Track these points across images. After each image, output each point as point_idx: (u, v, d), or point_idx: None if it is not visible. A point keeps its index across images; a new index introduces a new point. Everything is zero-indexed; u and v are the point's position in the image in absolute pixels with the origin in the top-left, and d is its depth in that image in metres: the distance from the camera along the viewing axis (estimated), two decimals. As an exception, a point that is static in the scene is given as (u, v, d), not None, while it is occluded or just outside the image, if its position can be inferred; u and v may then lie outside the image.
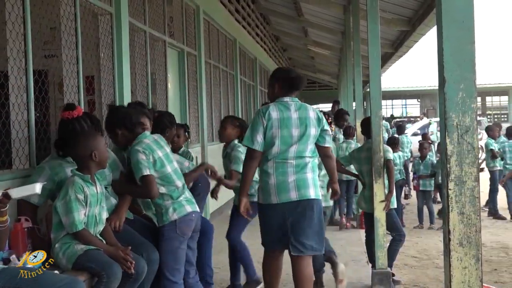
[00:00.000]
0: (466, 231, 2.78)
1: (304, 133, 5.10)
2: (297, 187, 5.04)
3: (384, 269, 6.83)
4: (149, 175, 4.64)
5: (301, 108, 5.19)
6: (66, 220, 4.11)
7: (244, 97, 16.65)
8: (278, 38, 24.16)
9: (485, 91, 41.79)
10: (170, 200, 4.80)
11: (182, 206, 4.83)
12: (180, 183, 4.91)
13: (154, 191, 4.67)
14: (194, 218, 4.93)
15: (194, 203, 5.00)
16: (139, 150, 4.67)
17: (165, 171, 4.80)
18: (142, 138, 4.78)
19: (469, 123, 2.79)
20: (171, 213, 4.78)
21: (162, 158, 4.80)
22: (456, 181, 2.77)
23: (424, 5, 11.11)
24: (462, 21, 2.84)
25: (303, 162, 5.10)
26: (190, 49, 10.41)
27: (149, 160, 4.68)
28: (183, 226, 4.82)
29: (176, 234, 4.79)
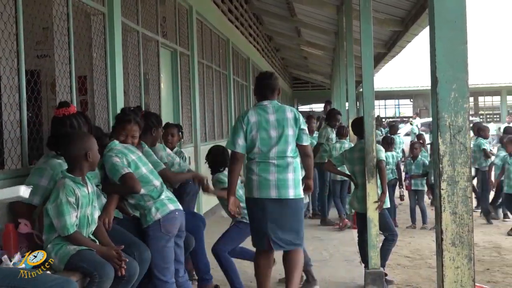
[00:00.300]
0: (458, 231, 2.79)
1: (282, 133, 5.40)
2: (277, 186, 5.34)
3: (377, 269, 6.84)
4: (128, 173, 4.71)
5: (279, 110, 5.51)
6: (57, 223, 4.09)
7: (237, 97, 16.64)
8: (271, 38, 24.16)
9: (478, 91, 41.88)
10: (151, 200, 4.84)
11: (165, 205, 4.87)
12: (158, 182, 4.96)
13: (137, 186, 4.72)
14: (178, 216, 4.95)
15: (176, 201, 5.04)
16: (111, 155, 4.76)
17: (141, 172, 4.86)
18: (112, 146, 4.86)
19: (461, 123, 2.80)
20: (154, 213, 4.81)
21: (135, 160, 4.88)
22: (449, 181, 2.78)
23: (416, 5, 11.12)
24: (455, 21, 2.85)
25: (284, 162, 5.39)
26: (183, 49, 10.40)
27: (123, 162, 4.76)
28: (167, 225, 4.85)
29: (161, 233, 4.82)
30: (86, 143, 4.26)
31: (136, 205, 4.89)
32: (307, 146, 5.64)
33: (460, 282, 2.78)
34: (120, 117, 5.24)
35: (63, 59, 6.01)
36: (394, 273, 7.81)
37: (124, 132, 5.09)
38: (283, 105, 5.63)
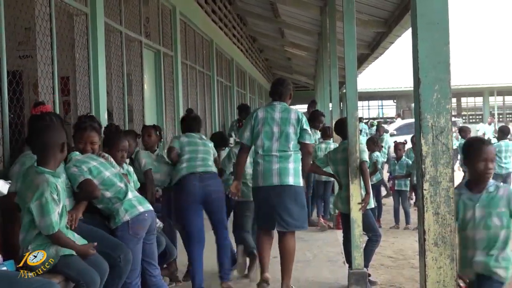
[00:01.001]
0: (441, 231, 2.80)
1: (284, 130, 6.17)
2: (279, 174, 6.10)
3: (361, 270, 6.85)
4: (85, 179, 4.69)
5: (285, 110, 6.28)
6: (42, 221, 4.02)
7: (220, 97, 16.63)
8: (255, 39, 24.18)
9: (460, 92, 42.15)
10: (118, 201, 4.82)
11: (134, 206, 4.84)
12: (122, 184, 4.93)
13: (95, 191, 4.69)
14: (148, 217, 4.92)
15: (145, 202, 5.02)
16: (70, 166, 4.73)
17: (103, 176, 4.82)
18: (70, 157, 4.81)
19: (443, 124, 2.81)
20: (123, 214, 4.79)
21: (97, 166, 4.84)
22: (431, 181, 2.79)
23: (400, 7, 11.17)
24: (437, 23, 2.86)
25: (286, 155, 6.16)
26: (166, 50, 10.38)
27: (82, 170, 4.72)
28: (136, 226, 4.81)
29: (129, 235, 4.78)
30: (62, 134, 4.23)
31: (105, 208, 4.86)
32: (308, 144, 6.32)
33: (442, 282, 2.79)
34: (76, 125, 5.24)
35: (45, 59, 5.98)
36: (377, 274, 7.83)
37: (82, 140, 5.08)
38: (289, 107, 6.40)
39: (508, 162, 12.18)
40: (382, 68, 38.57)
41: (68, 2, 6.34)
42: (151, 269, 5.13)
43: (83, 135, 5.09)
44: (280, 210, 6.08)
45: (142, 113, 8.95)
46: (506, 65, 42.46)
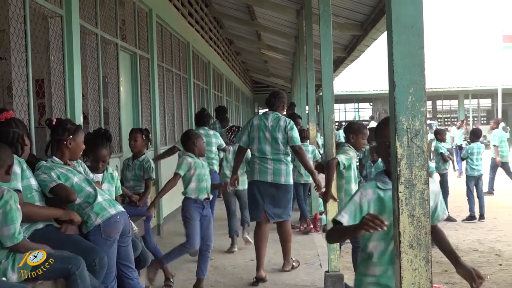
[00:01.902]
0: (416, 233, 2.81)
1: (274, 136, 7.37)
2: (273, 173, 7.35)
3: (337, 272, 6.88)
4: (58, 184, 4.65)
5: (276, 119, 7.46)
6: (6, 230, 3.86)
7: (197, 100, 16.59)
8: (231, 42, 24.17)
9: (436, 95, 42.49)
10: (88, 206, 4.78)
11: (105, 209, 4.81)
12: (91, 188, 4.89)
13: (71, 194, 4.65)
14: (120, 220, 4.89)
15: (117, 204, 4.99)
16: (39, 173, 4.68)
17: (72, 181, 4.79)
18: (38, 165, 4.77)
19: (418, 126, 2.83)
20: (94, 218, 4.76)
21: (64, 172, 4.79)
22: (406, 184, 2.80)
23: (375, 10, 11.25)
24: (412, 26, 2.87)
25: (278, 157, 7.38)
26: (142, 52, 10.34)
27: (51, 176, 4.68)
28: (108, 229, 4.79)
29: (102, 239, 4.75)
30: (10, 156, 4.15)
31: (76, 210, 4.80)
32: (295, 145, 7.42)
33: (418, 284, 2.80)
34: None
35: (20, 62, 5.92)
36: (353, 275, 7.85)
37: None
38: (280, 116, 7.52)
39: (480, 164, 12.31)
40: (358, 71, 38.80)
41: (42, 4, 6.29)
42: (128, 272, 5.10)
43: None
44: (271, 205, 7.41)
45: (118, 116, 8.90)
46: (480, 68, 42.88)
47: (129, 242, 5.13)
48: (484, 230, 11.06)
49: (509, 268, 8.25)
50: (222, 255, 8.78)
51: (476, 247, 9.60)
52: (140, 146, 7.28)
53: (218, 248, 9.18)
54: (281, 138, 7.35)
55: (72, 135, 5.03)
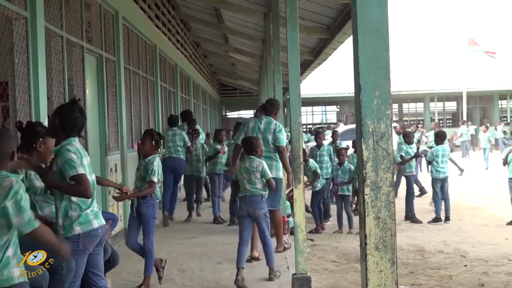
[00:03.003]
0: (382, 235, 2.83)
1: (265, 137, 8.61)
2: None
3: (304, 274, 6.90)
4: (84, 174, 4.56)
5: (268, 122, 8.81)
6: (21, 219, 3.70)
7: (164, 103, 16.51)
8: (198, 45, 24.12)
9: (402, 98, 42.89)
10: (77, 211, 4.68)
11: (89, 221, 4.73)
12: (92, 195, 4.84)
13: (90, 190, 4.58)
14: (100, 234, 4.84)
15: (100, 216, 4.89)
16: (70, 150, 4.59)
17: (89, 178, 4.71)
18: (72, 141, 4.69)
19: (384, 129, 2.85)
20: (76, 227, 4.67)
21: (86, 166, 4.70)
22: (372, 186, 2.82)
23: (342, 13, 11.31)
24: (377, 29, 2.89)
25: (269, 155, 8.54)
26: (109, 55, 10.25)
27: (79, 162, 4.60)
28: (86, 241, 4.72)
29: (78, 249, 4.67)
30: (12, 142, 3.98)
31: (62, 211, 4.70)
32: (279, 146, 8.67)
33: (383, 285, 2.82)
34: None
35: (-17, 64, 5.83)
36: (321, 278, 7.89)
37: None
38: (272, 121, 8.85)
39: (445, 167, 12.43)
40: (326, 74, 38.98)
41: (6, 6, 6.20)
42: (96, 280, 5.04)
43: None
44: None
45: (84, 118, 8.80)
46: (446, 71, 43.41)
47: (100, 251, 5.05)
48: (449, 232, 11.19)
49: (474, 269, 8.35)
50: (189, 259, 8.75)
51: (442, 249, 9.70)
52: (147, 149, 7.21)
53: (186, 252, 9.15)
54: (271, 139, 8.66)
55: (43, 138, 4.97)
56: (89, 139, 8.81)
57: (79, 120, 4.77)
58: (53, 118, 4.88)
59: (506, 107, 43.89)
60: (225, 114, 43.86)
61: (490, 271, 8.20)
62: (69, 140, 4.70)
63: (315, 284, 7.38)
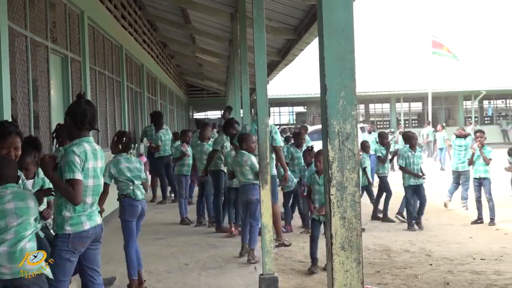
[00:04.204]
0: (347, 235, 2.84)
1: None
2: None
3: (272, 275, 6.90)
4: (79, 180, 4.59)
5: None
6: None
7: (131, 104, 16.42)
8: (165, 45, 24.01)
9: (368, 98, 43.22)
10: (71, 212, 4.70)
11: (80, 223, 4.73)
12: (91, 199, 4.83)
13: (79, 198, 4.60)
14: (91, 235, 4.83)
15: (94, 217, 4.88)
16: (75, 152, 4.64)
17: (86, 183, 4.73)
18: (83, 142, 4.76)
19: (349, 130, 2.86)
20: (67, 227, 4.69)
21: (89, 169, 4.74)
22: (338, 186, 2.83)
23: (308, 14, 11.35)
24: (343, 30, 2.91)
25: None
26: (74, 55, 10.16)
27: (80, 165, 4.63)
28: (76, 242, 4.72)
29: (68, 248, 4.69)
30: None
31: (56, 209, 4.76)
32: (275, 146, 9.33)
33: (349, 285, 2.83)
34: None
35: None
36: (288, 278, 7.91)
37: (5, 146, 4.90)
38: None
39: None
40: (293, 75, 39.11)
41: (-32, 5, 6.11)
42: (94, 275, 5.04)
43: (7, 141, 4.90)
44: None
45: (48, 119, 8.71)
46: (411, 72, 43.84)
47: (98, 247, 5.06)
48: (415, 231, 11.29)
49: (439, 268, 8.44)
50: (156, 260, 8.70)
51: (408, 248, 9.78)
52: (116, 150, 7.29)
53: (153, 253, 9.10)
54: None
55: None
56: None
57: (88, 111, 4.85)
58: (65, 118, 4.97)
59: (470, 108, 44.48)
60: (192, 115, 43.74)
61: (455, 270, 8.30)
62: (81, 140, 4.77)
63: (282, 284, 7.39)
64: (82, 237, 4.75)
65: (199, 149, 11.85)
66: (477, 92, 42.46)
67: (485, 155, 11.81)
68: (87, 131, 4.88)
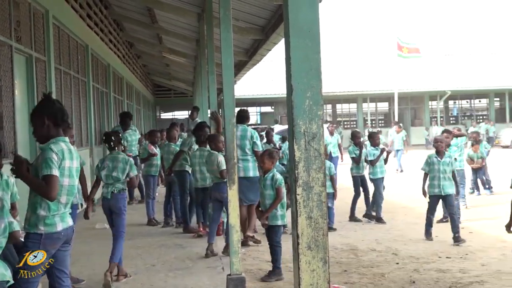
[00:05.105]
0: (314, 235, 2.85)
1: (242, 143, 9.83)
2: (244, 169, 9.78)
3: (239, 275, 6.90)
4: (55, 176, 4.56)
5: (243, 130, 9.99)
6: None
7: (97, 104, 16.27)
8: (132, 45, 23.86)
9: (335, 99, 43.48)
10: (46, 211, 4.65)
11: (54, 223, 4.69)
12: (65, 199, 4.78)
13: (54, 193, 4.55)
14: (63, 236, 4.78)
15: (66, 218, 4.84)
16: (53, 149, 4.62)
17: (61, 181, 4.68)
18: (59, 141, 4.74)
19: (315, 130, 2.87)
20: (41, 226, 4.64)
21: (65, 168, 4.70)
22: (304, 186, 2.83)
23: (276, 15, 11.37)
24: (309, 31, 2.91)
25: (246, 158, 9.90)
26: (39, 55, 10.03)
27: (57, 163, 4.61)
28: (48, 243, 4.67)
29: (39, 249, 4.61)
30: None
31: (30, 207, 4.71)
32: (257, 151, 9.88)
33: (315, 284, 2.84)
34: None
35: None
36: (255, 278, 7.90)
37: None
38: (247, 128, 10.11)
39: (383, 166, 12.58)
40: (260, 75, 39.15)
41: None
42: (62, 277, 4.97)
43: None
44: (245, 192, 9.57)
45: (13, 120, 8.59)
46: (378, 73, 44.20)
47: (68, 248, 5.01)
48: (382, 230, 11.37)
49: (405, 267, 8.51)
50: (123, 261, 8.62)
51: (374, 247, 9.85)
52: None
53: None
54: (248, 145, 9.93)
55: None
56: (18, 140, 8.59)
57: (63, 108, 4.94)
58: (39, 119, 4.85)
59: (436, 108, 44.98)
60: (159, 115, 43.53)
61: (421, 268, 8.38)
62: (57, 140, 4.75)
63: (250, 285, 7.39)
64: (54, 238, 4.69)
65: (166, 149, 11.82)
66: (443, 92, 42.98)
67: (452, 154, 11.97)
68: (66, 129, 4.92)
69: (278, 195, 7.94)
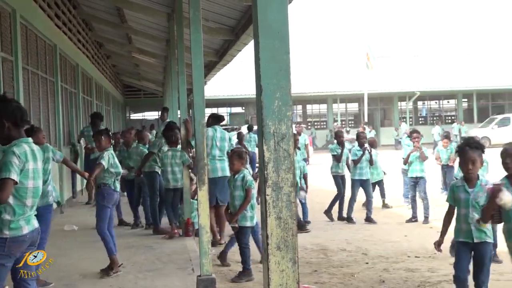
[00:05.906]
0: (283, 235, 2.85)
1: (221, 144, 10.17)
2: (221, 169, 10.08)
3: (209, 276, 6.89)
4: (9, 179, 4.45)
5: (222, 132, 10.33)
6: None
7: (65, 104, 16.12)
8: (101, 45, 23.67)
9: (306, 99, 43.62)
10: (11, 215, 4.56)
11: (19, 227, 4.60)
12: (31, 202, 4.69)
13: (5, 197, 4.45)
14: (28, 239, 4.69)
15: (32, 221, 4.75)
16: (15, 153, 4.53)
17: (26, 184, 4.61)
18: (22, 143, 4.63)
19: (285, 130, 2.87)
20: (6, 231, 4.55)
21: (29, 170, 4.62)
22: (273, 187, 2.84)
23: (246, 15, 11.37)
24: (278, 32, 2.92)
25: (224, 157, 10.09)
26: (5, 55, 9.91)
27: (19, 167, 4.51)
28: (13, 246, 4.59)
29: (3, 253, 4.55)
30: None
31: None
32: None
33: (285, 284, 2.84)
34: None
35: None
36: (226, 279, 7.90)
37: None
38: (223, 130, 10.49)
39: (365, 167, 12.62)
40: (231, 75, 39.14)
41: None
42: (27, 281, 4.89)
43: None
44: (221, 194, 9.90)
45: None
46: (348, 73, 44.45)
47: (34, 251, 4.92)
48: (352, 230, 11.44)
49: (375, 266, 8.57)
50: (92, 263, 8.56)
51: (344, 247, 9.90)
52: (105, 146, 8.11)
53: (88, 256, 8.95)
54: (226, 147, 10.31)
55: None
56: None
57: (20, 106, 4.81)
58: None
59: (405, 108, 45.39)
60: (129, 115, 43.27)
61: (391, 268, 8.45)
62: (20, 141, 4.65)
63: (220, 285, 7.38)
64: (19, 241, 4.61)
65: (135, 150, 11.77)
66: (412, 93, 43.38)
67: (423, 152, 12.07)
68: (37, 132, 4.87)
69: (247, 196, 7.94)
